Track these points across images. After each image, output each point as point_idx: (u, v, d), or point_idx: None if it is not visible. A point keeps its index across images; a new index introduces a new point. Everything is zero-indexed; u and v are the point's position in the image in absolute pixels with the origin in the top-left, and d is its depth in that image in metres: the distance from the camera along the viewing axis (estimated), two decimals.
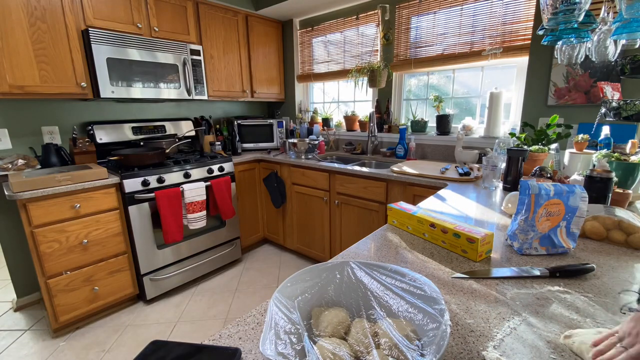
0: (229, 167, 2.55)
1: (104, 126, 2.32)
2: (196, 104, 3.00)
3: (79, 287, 1.90)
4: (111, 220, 1.98)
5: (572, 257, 0.83)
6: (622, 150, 1.43)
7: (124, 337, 1.91)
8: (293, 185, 2.64)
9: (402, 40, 2.53)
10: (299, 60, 3.30)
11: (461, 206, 1.29)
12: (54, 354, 1.78)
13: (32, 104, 2.11)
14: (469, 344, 0.53)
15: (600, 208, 1.00)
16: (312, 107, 3.43)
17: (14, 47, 1.74)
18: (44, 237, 1.74)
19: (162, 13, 2.31)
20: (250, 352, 0.53)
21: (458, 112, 2.44)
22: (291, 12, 2.97)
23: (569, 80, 1.79)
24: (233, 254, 2.70)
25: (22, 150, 2.10)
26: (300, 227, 2.70)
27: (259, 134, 3.06)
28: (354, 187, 2.21)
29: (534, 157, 1.52)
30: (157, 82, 2.26)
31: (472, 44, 2.18)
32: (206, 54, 2.62)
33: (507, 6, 2.00)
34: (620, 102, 1.30)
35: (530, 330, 0.56)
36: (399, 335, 0.45)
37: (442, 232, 0.89)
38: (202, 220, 2.28)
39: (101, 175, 1.92)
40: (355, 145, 2.88)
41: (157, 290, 2.22)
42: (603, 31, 1.14)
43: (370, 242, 0.95)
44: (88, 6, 1.97)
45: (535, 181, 0.84)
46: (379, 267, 0.57)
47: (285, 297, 0.51)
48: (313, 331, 0.51)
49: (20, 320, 2.08)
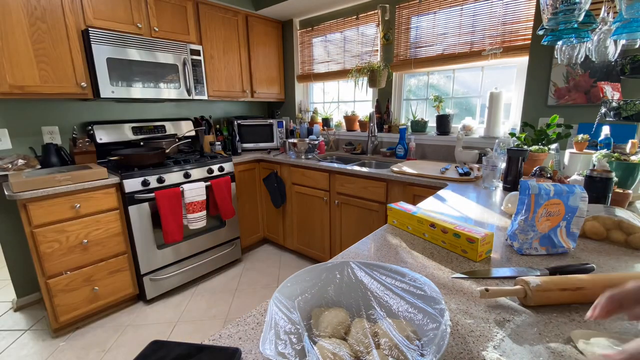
0: (229, 167, 2.55)
1: (104, 126, 2.32)
2: (196, 104, 3.00)
3: (79, 287, 1.90)
4: (111, 220, 1.98)
5: (572, 257, 0.83)
6: (622, 150, 1.43)
7: (124, 337, 1.91)
8: (293, 185, 2.64)
9: (402, 40, 2.53)
10: (299, 60, 3.30)
11: (461, 206, 1.28)
12: (54, 354, 1.78)
13: (32, 104, 2.11)
14: (469, 344, 0.53)
15: (600, 208, 1.00)
16: (312, 107, 3.43)
17: (14, 47, 1.74)
18: (44, 237, 1.74)
19: (162, 13, 2.31)
20: (250, 352, 0.53)
21: (458, 112, 2.44)
22: (291, 12, 2.97)
23: (569, 80, 1.79)
24: (233, 254, 2.70)
25: (22, 150, 2.10)
26: (300, 227, 2.70)
27: (259, 134, 3.06)
28: (354, 187, 2.21)
29: (534, 157, 1.52)
30: (157, 82, 2.26)
31: (472, 44, 2.18)
32: (206, 54, 2.62)
33: (507, 6, 2.00)
34: (620, 102, 1.30)
35: (530, 330, 0.56)
36: (399, 335, 0.45)
37: (442, 232, 0.89)
38: (202, 220, 2.28)
39: (101, 175, 1.92)
40: (355, 145, 2.88)
41: (157, 290, 2.22)
42: (603, 31, 1.14)
43: (370, 242, 0.95)
44: (88, 6, 1.97)
45: (535, 181, 0.84)
46: (379, 267, 0.57)
47: (285, 297, 0.51)
48: (313, 331, 0.51)
49: (20, 320, 2.08)
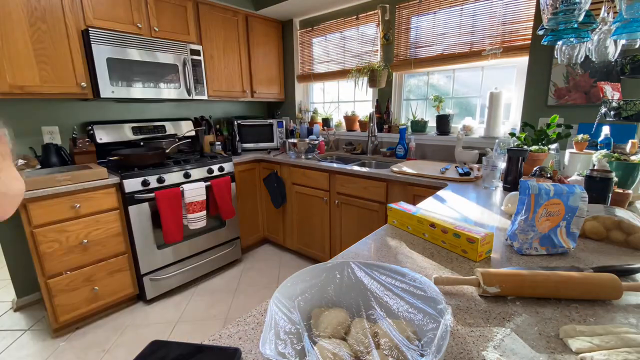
0: (229, 167, 2.55)
1: (104, 126, 2.31)
2: (196, 104, 3.00)
3: (79, 287, 1.90)
4: (111, 220, 1.98)
5: (572, 257, 0.83)
6: (622, 150, 1.43)
7: (124, 337, 1.91)
8: (293, 185, 2.64)
9: (402, 40, 2.52)
10: (299, 60, 3.30)
11: (461, 206, 1.28)
12: (54, 354, 1.78)
13: (32, 104, 2.11)
14: (468, 344, 0.53)
15: (600, 208, 1.00)
16: (312, 107, 3.43)
17: (14, 47, 1.74)
18: (44, 237, 1.74)
19: (162, 13, 2.31)
20: (250, 352, 0.53)
21: (458, 112, 2.44)
22: (291, 12, 2.97)
23: (569, 80, 1.79)
24: (233, 254, 2.70)
25: (22, 150, 2.10)
26: (300, 227, 2.70)
27: (259, 134, 3.07)
28: (354, 187, 2.21)
29: (534, 157, 1.52)
30: (157, 82, 2.26)
31: (472, 44, 2.18)
32: (206, 54, 2.62)
33: (507, 6, 2.00)
34: (620, 102, 1.30)
35: (530, 330, 0.56)
36: (399, 335, 0.45)
37: (442, 232, 0.89)
38: (202, 220, 2.28)
39: (101, 175, 1.92)
40: (355, 145, 2.88)
41: (157, 290, 2.22)
42: (603, 31, 1.14)
43: (370, 242, 0.95)
44: (88, 6, 1.97)
45: (535, 181, 0.84)
46: (379, 267, 0.57)
47: (285, 297, 0.51)
48: (313, 331, 0.51)
49: (20, 320, 2.08)
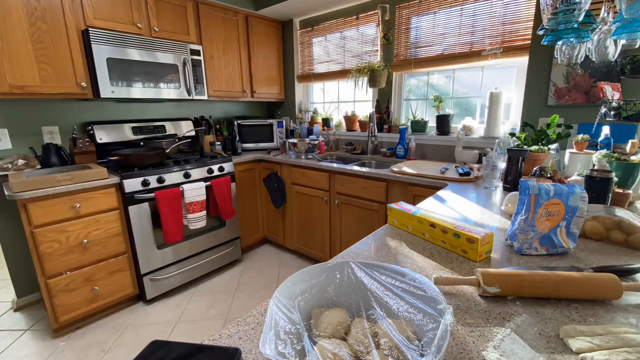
0: (229, 167, 2.55)
1: (104, 126, 2.31)
2: (196, 104, 3.00)
3: (79, 287, 1.90)
4: (111, 220, 1.98)
5: (572, 257, 0.83)
6: (622, 150, 1.43)
7: (124, 337, 1.90)
8: (293, 185, 2.64)
9: (402, 40, 2.52)
10: (299, 60, 3.30)
11: (461, 206, 1.28)
12: (54, 354, 1.78)
13: (32, 104, 2.11)
14: (468, 344, 0.53)
15: (600, 208, 1.00)
16: (312, 107, 3.43)
17: (14, 47, 1.74)
18: (44, 237, 1.74)
19: (162, 13, 2.31)
20: (250, 352, 0.53)
21: (458, 112, 2.44)
22: (291, 12, 2.97)
23: (569, 80, 1.79)
24: (233, 254, 2.70)
25: (22, 150, 2.10)
26: (300, 227, 2.70)
27: (259, 134, 3.06)
28: (354, 187, 2.21)
29: (534, 157, 1.52)
30: (157, 82, 2.26)
31: (472, 44, 2.18)
32: (206, 54, 2.62)
33: (507, 6, 2.00)
34: (620, 102, 1.30)
35: (530, 330, 0.56)
36: (399, 335, 0.45)
37: (442, 232, 0.89)
38: (202, 220, 2.28)
39: (101, 175, 1.92)
40: (355, 145, 2.88)
41: (157, 290, 2.22)
42: (603, 31, 1.14)
43: (370, 242, 0.95)
44: (88, 6, 1.97)
45: (535, 181, 0.84)
46: (379, 267, 0.57)
47: (285, 297, 0.51)
48: (313, 331, 0.51)
49: (20, 320, 2.07)
